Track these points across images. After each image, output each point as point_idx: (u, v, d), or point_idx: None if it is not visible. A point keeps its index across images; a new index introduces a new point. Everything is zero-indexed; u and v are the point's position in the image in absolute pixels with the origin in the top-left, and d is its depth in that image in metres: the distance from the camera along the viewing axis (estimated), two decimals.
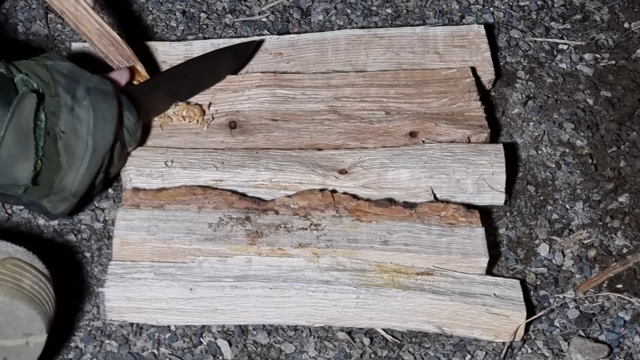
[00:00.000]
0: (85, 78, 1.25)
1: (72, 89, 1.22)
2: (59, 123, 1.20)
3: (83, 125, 1.22)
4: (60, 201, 1.25)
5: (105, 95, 1.25)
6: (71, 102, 1.21)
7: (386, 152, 1.36)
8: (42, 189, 1.22)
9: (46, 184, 1.22)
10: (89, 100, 1.23)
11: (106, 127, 1.24)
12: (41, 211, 1.26)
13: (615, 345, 1.28)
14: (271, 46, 1.49)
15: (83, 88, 1.23)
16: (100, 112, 1.23)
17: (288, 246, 1.27)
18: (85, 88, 1.23)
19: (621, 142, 1.46)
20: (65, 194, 1.24)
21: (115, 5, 1.54)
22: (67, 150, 1.21)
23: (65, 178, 1.23)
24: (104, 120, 1.24)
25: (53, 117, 1.20)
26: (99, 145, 1.23)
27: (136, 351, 1.25)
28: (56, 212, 1.26)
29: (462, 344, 1.27)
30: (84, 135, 1.22)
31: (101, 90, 1.25)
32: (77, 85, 1.23)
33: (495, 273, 1.33)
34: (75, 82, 1.23)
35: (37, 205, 1.25)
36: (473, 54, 1.49)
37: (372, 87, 1.43)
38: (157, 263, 1.26)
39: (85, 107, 1.22)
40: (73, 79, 1.23)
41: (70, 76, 1.23)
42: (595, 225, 1.38)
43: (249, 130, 1.39)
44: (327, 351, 1.26)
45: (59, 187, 1.23)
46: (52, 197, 1.24)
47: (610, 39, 1.57)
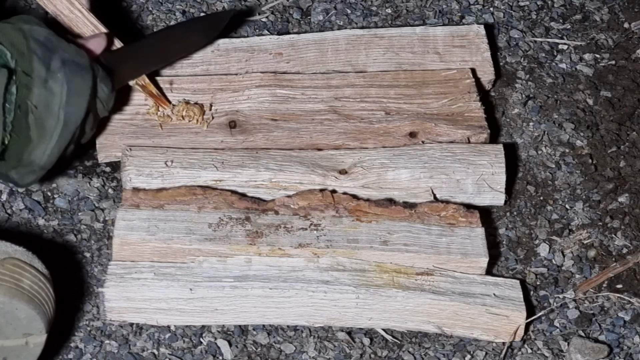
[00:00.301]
0: (62, 48, 1.21)
1: (47, 60, 1.19)
2: (31, 96, 1.17)
3: (55, 99, 1.19)
4: (28, 173, 1.23)
5: (81, 68, 1.22)
6: (45, 74, 1.18)
7: (386, 152, 1.36)
8: (10, 163, 1.20)
9: (14, 158, 1.20)
10: (63, 73, 1.19)
11: (79, 102, 1.21)
12: (8, 181, 1.24)
13: (615, 345, 1.28)
14: (271, 46, 1.49)
15: (58, 59, 1.20)
16: (74, 87, 1.20)
17: (288, 246, 1.27)
18: (60, 59, 1.20)
19: (621, 142, 1.46)
20: (34, 167, 1.22)
21: (115, 5, 1.54)
22: (38, 125, 1.19)
23: (34, 152, 1.20)
24: (77, 94, 1.21)
25: (25, 89, 1.17)
26: (70, 119, 1.21)
27: (136, 351, 1.25)
28: (23, 183, 1.24)
29: (462, 344, 1.27)
30: (56, 109, 1.19)
31: (77, 63, 1.21)
32: (52, 56, 1.19)
33: (495, 273, 1.33)
34: (51, 52, 1.19)
35: (4, 175, 1.22)
36: (473, 54, 1.49)
37: (372, 87, 1.43)
38: (157, 263, 1.26)
39: (59, 80, 1.19)
40: (49, 48, 1.20)
41: (47, 45, 1.20)
42: (595, 225, 1.38)
43: (248, 130, 1.39)
44: (327, 351, 1.26)
45: (28, 161, 1.21)
46: (20, 169, 1.22)
47: (610, 39, 1.57)
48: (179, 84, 1.43)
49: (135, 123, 1.39)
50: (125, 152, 1.33)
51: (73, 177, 1.38)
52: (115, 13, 1.53)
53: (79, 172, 1.38)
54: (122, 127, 1.38)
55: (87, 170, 1.39)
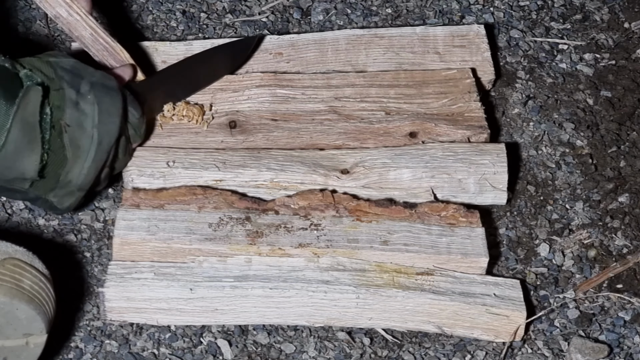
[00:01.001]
0: (89, 73, 1.25)
1: (76, 84, 1.22)
2: (64, 117, 1.20)
3: (88, 119, 1.22)
4: (66, 195, 1.25)
5: (109, 89, 1.25)
6: (75, 97, 1.22)
7: (388, 152, 1.36)
8: (48, 183, 1.23)
9: (52, 178, 1.22)
10: (93, 95, 1.23)
11: (111, 121, 1.24)
12: (47, 206, 1.26)
13: (615, 345, 1.28)
14: (271, 46, 1.49)
15: (87, 83, 1.23)
16: (104, 106, 1.23)
17: (288, 246, 1.27)
18: (89, 83, 1.23)
19: (621, 142, 1.46)
20: (71, 187, 1.24)
21: (115, 5, 1.54)
22: (73, 144, 1.21)
23: (71, 171, 1.23)
24: (108, 114, 1.24)
25: (58, 110, 1.20)
26: (104, 138, 1.23)
27: (136, 351, 1.25)
28: (62, 207, 1.26)
29: (462, 344, 1.27)
30: (89, 128, 1.22)
31: (105, 85, 1.25)
32: (80, 80, 1.23)
33: (495, 273, 1.33)
34: (78, 77, 1.23)
35: (43, 200, 1.25)
36: (473, 54, 1.49)
37: (372, 87, 1.43)
38: (157, 263, 1.26)
39: (89, 101, 1.22)
40: (76, 74, 1.23)
41: (74, 72, 1.23)
42: (595, 225, 1.38)
43: (249, 130, 1.39)
44: (327, 351, 1.26)
45: (65, 181, 1.23)
46: (57, 191, 1.24)
47: (610, 39, 1.57)
48: None
49: None
50: None
51: None
52: (116, 13, 1.53)
53: None
54: None
55: None
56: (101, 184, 1.29)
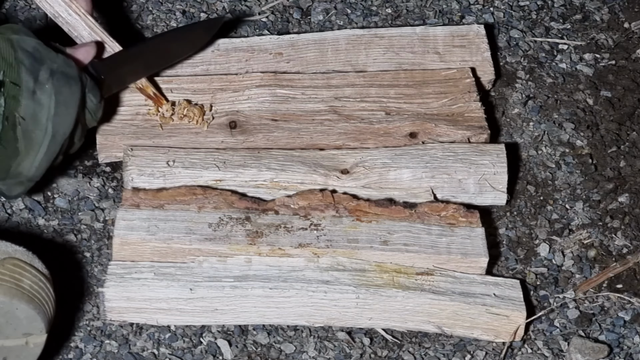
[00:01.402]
0: (50, 58, 1.20)
1: (36, 71, 1.18)
2: (19, 108, 1.17)
3: (43, 110, 1.18)
4: (16, 184, 1.22)
5: (69, 79, 1.21)
6: (33, 85, 1.17)
7: (388, 152, 1.36)
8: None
9: (2, 169, 1.19)
10: (51, 84, 1.19)
11: (67, 114, 1.21)
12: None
13: (615, 345, 1.28)
14: (271, 46, 1.49)
15: (47, 70, 1.19)
16: (62, 98, 1.20)
17: (288, 246, 1.27)
18: (49, 70, 1.19)
19: (621, 142, 1.46)
20: (21, 178, 1.21)
21: (115, 5, 1.54)
22: (26, 137, 1.18)
23: (22, 164, 1.20)
24: (65, 106, 1.20)
25: (13, 101, 1.16)
26: (58, 131, 1.20)
27: (136, 351, 1.25)
28: (11, 194, 1.23)
29: (462, 344, 1.27)
30: (44, 121, 1.19)
31: (65, 74, 1.21)
32: (40, 67, 1.19)
33: (495, 273, 1.33)
34: (39, 63, 1.19)
35: None
36: (473, 54, 1.49)
37: (372, 87, 1.43)
38: (157, 263, 1.26)
39: (47, 91, 1.18)
40: (37, 58, 1.19)
41: (35, 55, 1.19)
42: (595, 225, 1.38)
43: (249, 130, 1.39)
44: (327, 351, 1.26)
45: (15, 172, 1.20)
46: (7, 181, 1.21)
47: (610, 39, 1.57)
48: (179, 84, 1.43)
49: (136, 123, 1.39)
50: (127, 152, 1.33)
51: (73, 177, 1.38)
52: (115, 13, 1.53)
53: (79, 172, 1.38)
54: (123, 128, 1.38)
55: (87, 170, 1.39)
56: (54, 169, 1.27)
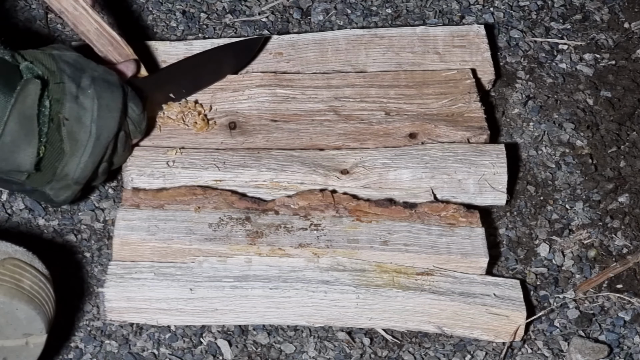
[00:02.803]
0: (91, 68, 1.25)
1: (77, 78, 1.22)
2: (63, 110, 1.20)
3: (87, 113, 1.22)
4: (63, 188, 1.25)
5: (110, 85, 1.25)
6: (76, 91, 1.22)
7: (388, 152, 1.36)
8: (45, 176, 1.22)
9: (49, 171, 1.22)
10: (93, 89, 1.23)
11: (110, 117, 1.24)
12: (44, 198, 1.26)
13: (615, 345, 1.28)
14: (271, 46, 1.49)
15: (88, 77, 1.23)
16: (104, 102, 1.23)
17: (288, 246, 1.27)
18: (90, 77, 1.23)
19: (621, 142, 1.46)
20: (68, 181, 1.24)
21: (115, 5, 1.54)
22: (71, 138, 1.21)
23: (67, 165, 1.23)
24: (108, 109, 1.24)
25: (57, 104, 1.20)
26: (102, 133, 1.23)
27: (136, 351, 1.25)
28: (59, 200, 1.26)
29: (462, 344, 1.27)
30: (88, 123, 1.22)
31: (106, 80, 1.25)
32: (82, 74, 1.23)
33: (495, 273, 1.33)
34: (80, 71, 1.23)
35: (39, 192, 1.25)
36: (473, 54, 1.49)
37: (372, 87, 1.43)
38: (157, 263, 1.26)
39: (89, 96, 1.22)
40: (78, 68, 1.23)
41: (76, 65, 1.24)
42: (595, 225, 1.38)
43: (248, 131, 1.39)
44: (327, 351, 1.26)
45: (62, 174, 1.23)
46: (54, 184, 1.24)
47: (610, 39, 1.57)
48: None
49: None
50: None
51: None
52: (115, 13, 1.53)
53: None
54: None
55: None
56: (99, 179, 1.29)
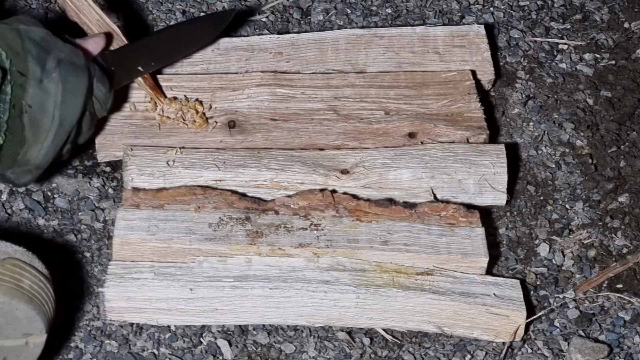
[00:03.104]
0: (57, 48, 1.21)
1: (43, 60, 1.19)
2: (26, 96, 1.18)
3: (50, 98, 1.19)
4: (24, 173, 1.23)
5: (76, 67, 1.22)
6: (40, 74, 1.18)
7: (388, 152, 1.36)
8: (6, 162, 1.20)
9: (9, 157, 1.20)
10: (58, 73, 1.20)
11: (74, 102, 1.21)
12: (5, 181, 1.24)
13: (615, 345, 1.29)
14: (271, 45, 1.49)
15: (54, 59, 1.20)
16: (69, 86, 1.20)
17: (288, 246, 1.27)
18: (56, 59, 1.20)
19: (621, 142, 1.46)
20: (29, 166, 1.22)
21: (115, 5, 1.54)
22: (33, 124, 1.19)
23: (29, 151, 1.20)
24: (72, 94, 1.21)
25: (20, 89, 1.17)
26: (65, 119, 1.21)
27: (136, 351, 1.25)
28: (20, 182, 1.24)
29: (462, 344, 1.27)
30: (51, 109, 1.19)
31: (72, 63, 1.22)
32: (48, 56, 1.20)
33: (495, 273, 1.33)
34: (46, 52, 1.20)
35: (0, 175, 1.22)
36: (473, 54, 1.49)
37: (372, 87, 1.43)
38: (157, 263, 1.26)
39: (54, 80, 1.19)
40: (44, 48, 1.20)
41: (42, 45, 1.20)
42: (595, 225, 1.38)
43: (248, 130, 1.39)
44: (327, 351, 1.26)
45: (23, 160, 1.21)
46: (15, 168, 1.21)
47: (610, 39, 1.57)
48: (178, 82, 1.43)
49: (134, 122, 1.39)
50: (127, 151, 1.33)
51: (73, 177, 1.38)
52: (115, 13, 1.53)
53: (79, 172, 1.38)
54: (122, 127, 1.38)
55: (87, 170, 1.39)
56: (63, 157, 1.27)
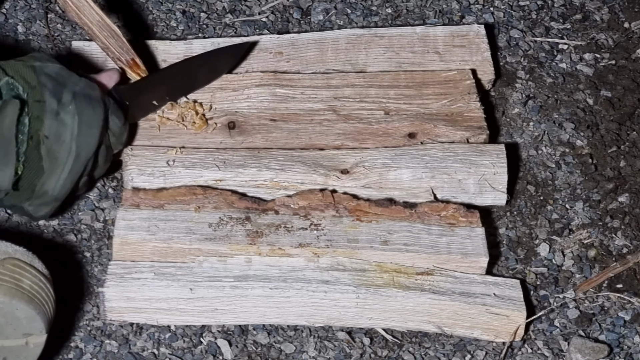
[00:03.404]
0: (73, 82, 1.24)
1: (59, 93, 1.21)
2: (43, 128, 1.20)
3: (67, 130, 1.21)
4: (42, 205, 1.24)
5: (92, 100, 1.24)
6: (56, 107, 1.21)
7: (388, 152, 1.36)
8: (24, 194, 1.22)
9: (28, 189, 1.21)
10: (74, 105, 1.22)
11: (91, 133, 1.23)
12: (23, 214, 1.26)
13: (615, 345, 1.29)
14: (271, 45, 1.49)
15: (69, 92, 1.22)
16: (85, 118, 1.23)
17: (288, 246, 1.27)
18: (71, 92, 1.23)
19: (621, 142, 1.46)
20: (47, 198, 1.24)
21: (115, 5, 1.54)
22: (50, 155, 1.21)
23: (47, 182, 1.22)
24: (88, 126, 1.23)
25: (37, 121, 1.19)
26: (82, 151, 1.23)
27: (136, 351, 1.25)
28: (38, 215, 1.26)
29: (462, 344, 1.27)
30: (68, 140, 1.22)
31: (88, 95, 1.24)
32: (63, 89, 1.22)
33: (495, 273, 1.33)
34: (61, 86, 1.22)
35: (18, 207, 1.24)
36: (473, 54, 1.49)
37: (372, 87, 1.43)
38: (157, 263, 1.26)
39: (70, 112, 1.22)
40: (60, 82, 1.23)
41: (57, 79, 1.23)
42: (595, 225, 1.38)
43: (247, 130, 1.39)
44: (327, 351, 1.26)
45: (41, 192, 1.22)
46: (33, 200, 1.23)
47: (610, 39, 1.57)
48: None
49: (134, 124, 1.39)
50: (127, 151, 1.34)
51: None
52: (116, 12, 1.53)
53: None
54: None
55: None
56: (79, 191, 1.29)
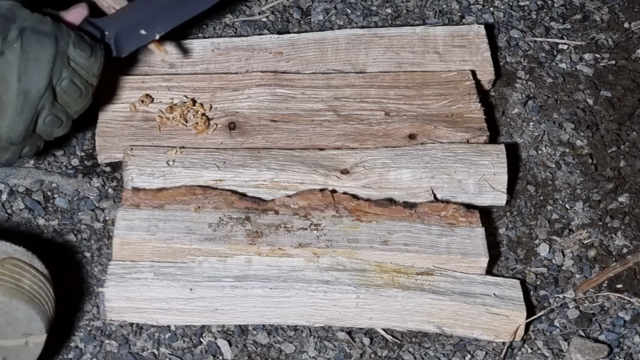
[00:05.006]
0: (22, 17, 1.18)
1: (5, 31, 1.16)
2: None
3: (12, 70, 1.16)
4: (1, 150, 1.20)
5: (40, 35, 1.18)
6: (1, 46, 1.16)
7: (388, 152, 1.36)
8: None
9: None
10: (20, 43, 1.16)
11: (38, 70, 1.17)
12: None
13: (615, 345, 1.29)
14: (271, 45, 1.49)
15: (16, 29, 1.17)
16: (32, 55, 1.17)
17: (288, 246, 1.27)
18: (18, 29, 1.17)
19: (621, 142, 1.46)
20: (2, 142, 1.19)
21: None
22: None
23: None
24: (36, 62, 1.17)
25: None
26: (30, 90, 1.17)
27: (136, 351, 1.25)
28: (1, 161, 1.21)
29: (462, 344, 1.27)
30: (13, 81, 1.16)
31: (36, 30, 1.18)
32: (10, 26, 1.16)
33: (495, 273, 1.33)
34: (9, 22, 1.16)
35: None
36: (473, 54, 1.49)
37: (372, 88, 1.43)
38: (157, 263, 1.26)
39: (15, 51, 1.16)
40: (9, 18, 1.17)
41: (8, 15, 1.17)
42: (595, 225, 1.38)
43: (248, 131, 1.39)
44: (327, 351, 1.26)
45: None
46: None
47: (610, 39, 1.57)
48: (178, 82, 1.43)
49: (135, 124, 1.39)
50: (127, 151, 1.33)
51: (73, 177, 1.38)
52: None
53: (79, 172, 1.38)
54: (122, 129, 1.38)
55: (87, 170, 1.39)
56: (55, 132, 1.23)
